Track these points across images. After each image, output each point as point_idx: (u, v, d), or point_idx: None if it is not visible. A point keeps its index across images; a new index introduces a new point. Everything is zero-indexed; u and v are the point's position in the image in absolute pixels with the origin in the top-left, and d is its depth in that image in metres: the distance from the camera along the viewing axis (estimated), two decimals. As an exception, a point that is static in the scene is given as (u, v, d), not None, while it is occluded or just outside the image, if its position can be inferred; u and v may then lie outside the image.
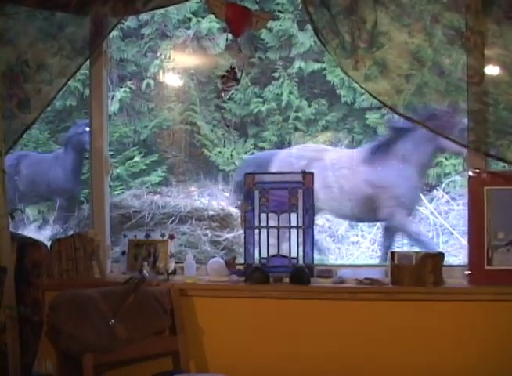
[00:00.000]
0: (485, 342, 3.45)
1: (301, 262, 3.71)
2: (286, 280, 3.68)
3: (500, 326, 3.44)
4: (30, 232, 6.12)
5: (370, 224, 6.04)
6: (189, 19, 6.61)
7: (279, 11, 6.53)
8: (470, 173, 3.60)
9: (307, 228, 3.71)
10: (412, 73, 3.52)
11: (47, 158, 6.62)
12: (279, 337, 3.64)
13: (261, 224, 3.75)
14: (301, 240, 3.71)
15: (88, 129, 5.65)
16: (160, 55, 6.53)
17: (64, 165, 6.42)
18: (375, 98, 3.56)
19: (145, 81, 6.58)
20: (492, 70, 3.53)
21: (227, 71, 3.59)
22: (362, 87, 3.55)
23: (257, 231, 3.75)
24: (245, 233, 3.77)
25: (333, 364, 3.60)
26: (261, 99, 6.54)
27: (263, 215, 3.75)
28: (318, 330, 3.61)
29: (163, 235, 3.97)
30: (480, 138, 3.47)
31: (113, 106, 6.45)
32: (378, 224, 5.99)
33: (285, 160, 5.69)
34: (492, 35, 3.47)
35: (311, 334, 3.62)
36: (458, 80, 3.52)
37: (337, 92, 6.38)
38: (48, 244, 3.88)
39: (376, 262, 5.67)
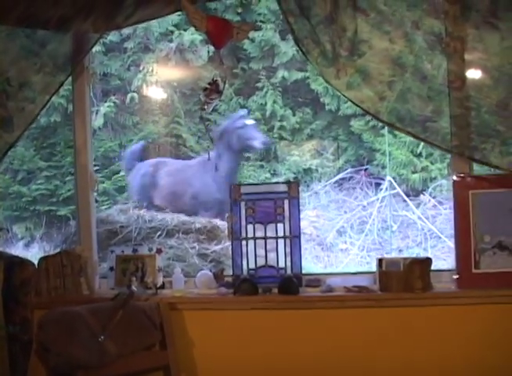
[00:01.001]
0: (475, 346, 3.46)
1: (289, 271, 3.71)
2: (275, 290, 3.68)
3: (489, 329, 3.45)
4: (18, 249, 6.10)
5: (358, 230, 6.06)
6: (172, 32, 6.64)
7: (261, 21, 6.56)
8: (455, 177, 3.62)
9: (294, 238, 3.72)
10: (395, 79, 3.54)
11: (191, 164, 6.01)
12: (270, 347, 3.63)
13: (248, 235, 3.75)
14: (288, 249, 3.71)
15: (248, 122, 5.18)
16: (143, 68, 6.53)
17: (217, 170, 5.65)
18: (358, 106, 3.57)
19: (129, 95, 6.59)
20: (473, 74, 3.55)
21: (209, 84, 3.59)
22: (344, 95, 3.56)
23: (244, 242, 3.75)
24: (232, 244, 3.77)
25: (324, 373, 3.61)
26: (245, 110, 6.55)
27: (250, 226, 3.75)
28: (308, 339, 3.60)
29: (150, 249, 3.96)
30: (463, 142, 3.48)
31: (98, 121, 6.45)
32: (366, 230, 6.01)
33: None
34: (472, 40, 3.49)
35: (301, 343, 3.61)
36: (440, 85, 3.54)
37: (321, 100, 6.41)
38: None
39: (366, 269, 5.68)
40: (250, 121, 5.92)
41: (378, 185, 6.28)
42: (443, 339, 3.49)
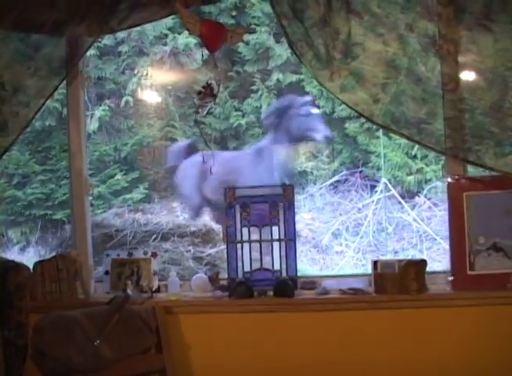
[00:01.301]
0: (470, 347, 3.47)
1: (284, 274, 3.71)
2: (271, 293, 3.69)
3: (484, 330, 3.46)
4: (13, 254, 6.09)
5: (354, 233, 6.06)
6: (166, 36, 6.62)
7: (256, 24, 6.56)
8: (449, 179, 3.63)
9: (289, 240, 3.72)
10: (389, 82, 3.54)
11: (243, 154, 5.75)
12: (266, 350, 3.64)
13: (243, 238, 3.75)
14: (283, 252, 3.72)
15: (313, 111, 4.72)
16: (138, 72, 6.52)
17: (272, 159, 5.32)
18: (352, 109, 3.57)
19: (124, 99, 6.58)
20: (467, 76, 3.56)
21: (203, 87, 3.60)
22: (338, 98, 3.56)
23: (239, 246, 3.75)
24: (227, 247, 3.77)
25: (320, 375, 3.61)
26: (240, 113, 6.55)
27: (245, 230, 3.75)
28: (304, 342, 3.61)
29: (145, 253, 3.96)
30: (457, 144, 3.48)
31: (93, 125, 6.43)
32: (362, 233, 6.01)
33: None
34: (465, 42, 3.50)
35: (297, 346, 3.61)
36: (434, 87, 3.54)
37: (316, 102, 6.39)
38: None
39: (361, 271, 5.67)
40: (315, 110, 5.54)
41: (373, 187, 6.27)
42: (438, 341, 3.49)
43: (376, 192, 6.20)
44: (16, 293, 3.49)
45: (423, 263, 3.63)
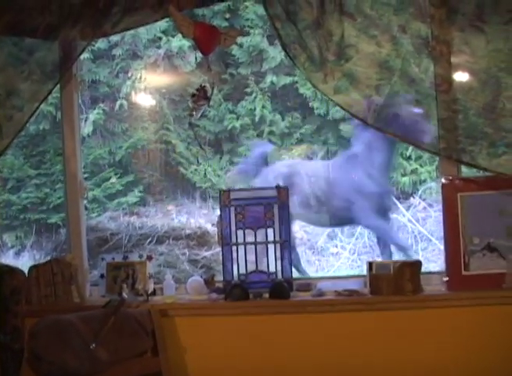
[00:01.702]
0: (465, 347, 3.48)
1: (279, 276, 3.72)
2: (266, 295, 3.69)
3: (479, 331, 3.46)
4: (8, 258, 6.07)
5: (349, 234, 6.05)
6: (160, 39, 6.61)
7: (249, 26, 6.56)
8: (443, 180, 3.64)
9: (284, 242, 3.72)
10: (382, 83, 3.55)
11: (333, 163, 5.53)
12: (262, 352, 3.64)
13: (238, 241, 3.75)
14: (278, 254, 3.72)
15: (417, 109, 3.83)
16: (132, 75, 6.52)
17: (369, 163, 5.01)
18: (346, 110, 3.58)
19: (118, 102, 6.56)
20: (460, 77, 3.57)
21: (197, 90, 3.61)
22: (332, 100, 3.57)
23: (234, 248, 3.75)
24: (222, 250, 3.77)
25: (316, 377, 3.62)
26: (234, 115, 6.54)
27: (240, 232, 3.76)
28: (299, 343, 3.61)
29: (141, 256, 3.96)
30: (451, 145, 3.49)
31: (87, 129, 6.41)
32: (357, 234, 6.00)
33: None
34: (458, 43, 3.51)
35: (293, 348, 3.61)
36: (428, 88, 3.55)
37: (310, 104, 6.39)
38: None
39: (357, 272, 5.68)
40: (418, 109, 5.09)
41: (368, 188, 6.26)
42: (434, 341, 3.50)
43: (371, 193, 6.19)
44: (11, 297, 3.48)
45: (418, 264, 3.64)
